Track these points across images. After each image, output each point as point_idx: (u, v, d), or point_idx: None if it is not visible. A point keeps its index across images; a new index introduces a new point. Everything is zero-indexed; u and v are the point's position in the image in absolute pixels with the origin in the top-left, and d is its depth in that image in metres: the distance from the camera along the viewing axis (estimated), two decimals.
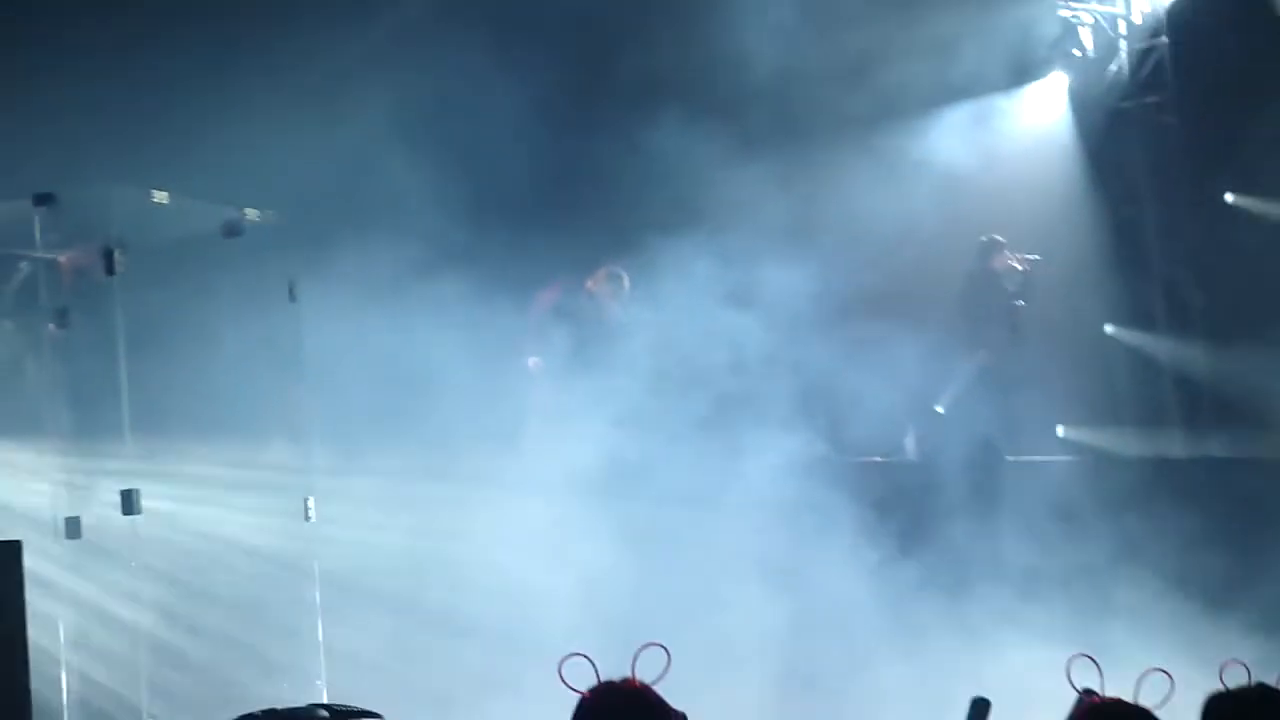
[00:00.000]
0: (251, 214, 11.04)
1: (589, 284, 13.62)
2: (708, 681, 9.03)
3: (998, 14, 16.08)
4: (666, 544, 11.82)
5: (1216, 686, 5.00)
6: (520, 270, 12.39)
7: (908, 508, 13.31)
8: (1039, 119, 17.62)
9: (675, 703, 4.65)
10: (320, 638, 10.97)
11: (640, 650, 4.68)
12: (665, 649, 4.66)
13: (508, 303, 12.16)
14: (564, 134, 12.85)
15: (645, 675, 4.65)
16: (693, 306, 12.53)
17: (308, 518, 11.06)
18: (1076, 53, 17.89)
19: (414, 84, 11.59)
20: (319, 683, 10.78)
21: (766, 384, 12.69)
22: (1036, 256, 16.11)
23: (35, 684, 8.81)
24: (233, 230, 11.00)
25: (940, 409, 15.77)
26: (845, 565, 12.00)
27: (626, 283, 13.47)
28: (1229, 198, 17.72)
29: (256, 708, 3.32)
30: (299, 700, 3.40)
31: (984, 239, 16.10)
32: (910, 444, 15.64)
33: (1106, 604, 12.40)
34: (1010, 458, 15.00)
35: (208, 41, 11.19)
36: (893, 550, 12.44)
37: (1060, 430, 16.94)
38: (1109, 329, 17.68)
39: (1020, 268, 16.04)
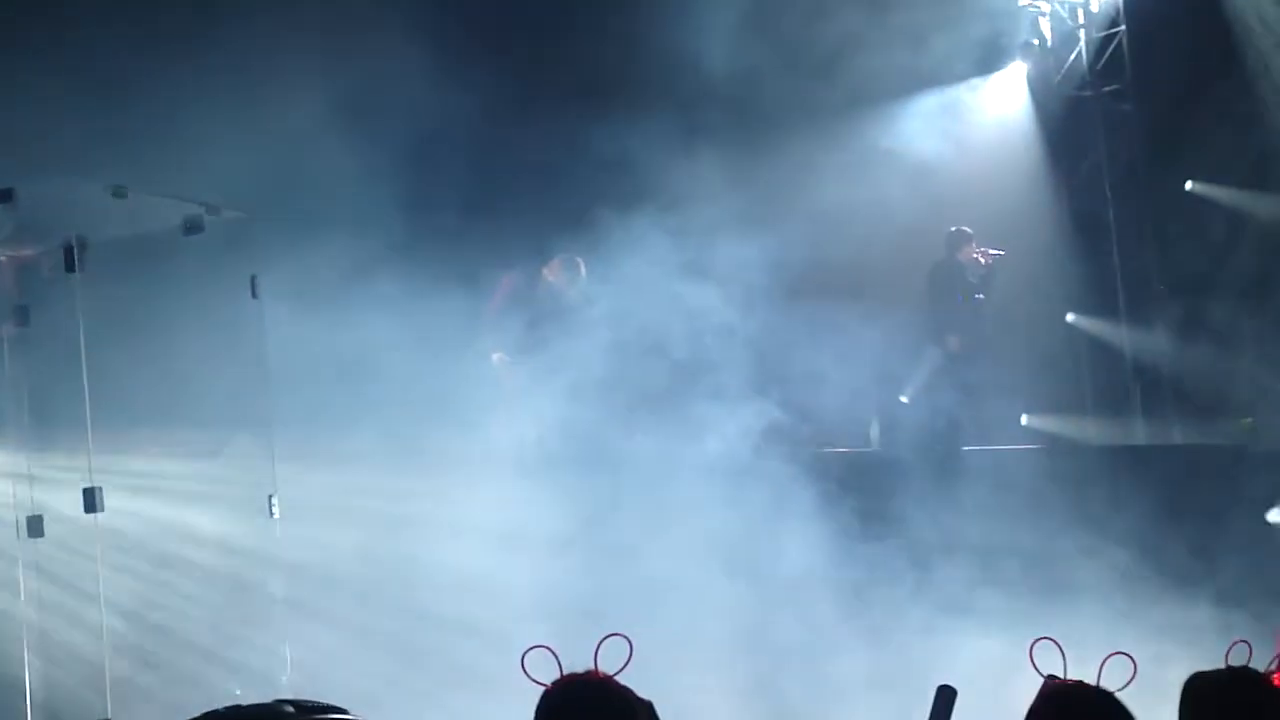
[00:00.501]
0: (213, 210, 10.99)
1: (546, 272, 13.60)
2: (672, 669, 9.02)
3: (957, 4, 16.11)
4: (628, 532, 11.80)
5: (1182, 667, 5.03)
6: (476, 258, 12.39)
7: (870, 496, 13.31)
8: (1000, 108, 17.67)
9: (640, 691, 4.64)
10: (285, 633, 10.93)
11: (602, 641, 4.67)
12: (628, 639, 4.66)
13: (464, 293, 12.17)
14: (516, 122, 12.83)
15: (608, 666, 4.65)
16: (651, 293, 12.53)
17: (271, 514, 11.02)
18: (1035, 42, 17.94)
19: (366, 79, 11.55)
20: (283, 679, 10.74)
21: (731, 374, 12.69)
22: (1001, 251, 16.11)
23: None
24: (194, 227, 10.94)
25: (905, 399, 15.80)
26: (806, 552, 12.02)
27: (583, 269, 13.45)
28: (1189, 185, 17.80)
29: (221, 704, 3.31)
30: (263, 697, 3.42)
31: (952, 230, 16.08)
32: (875, 433, 15.68)
33: (1069, 589, 12.42)
34: (975, 446, 15.01)
35: (169, 37, 11.14)
36: (854, 538, 12.46)
37: (1024, 419, 16.99)
38: (1070, 318, 17.74)
39: (984, 260, 16.03)
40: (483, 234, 12.52)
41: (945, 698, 5.09)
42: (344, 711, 3.31)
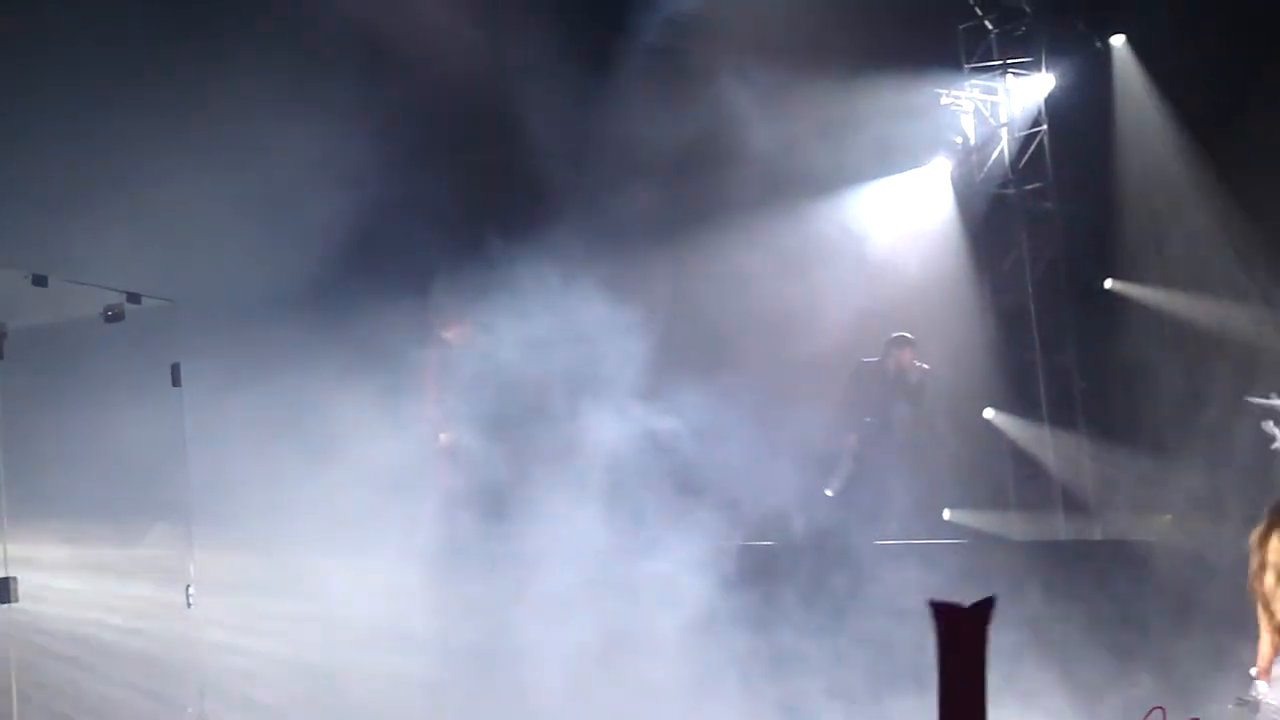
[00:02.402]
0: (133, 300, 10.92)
1: (448, 334, 13.60)
2: None
3: (880, 101, 16.29)
4: (516, 631, 11.77)
5: None
6: (399, 333, 12.40)
7: (783, 589, 13.31)
8: (923, 205, 17.83)
9: None
10: None
11: None
12: None
13: (390, 373, 12.18)
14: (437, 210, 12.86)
15: None
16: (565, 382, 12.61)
17: (188, 604, 10.90)
18: (959, 140, 18.15)
19: (284, 164, 11.53)
20: None
21: (652, 463, 12.70)
22: (925, 366, 16.16)
23: None
24: (115, 315, 10.88)
25: (829, 492, 15.82)
26: (703, 648, 12.02)
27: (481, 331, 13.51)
28: (1109, 284, 18.02)
29: None
30: None
31: (894, 335, 16.12)
32: (799, 527, 15.66)
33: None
34: (892, 540, 15.04)
35: (90, 123, 11.10)
36: (759, 630, 12.47)
37: (946, 513, 17.04)
38: (988, 414, 17.85)
39: (922, 368, 16.08)
40: (405, 311, 12.51)
41: None
42: None
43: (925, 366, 16.11)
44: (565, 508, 12.27)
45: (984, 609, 3.78)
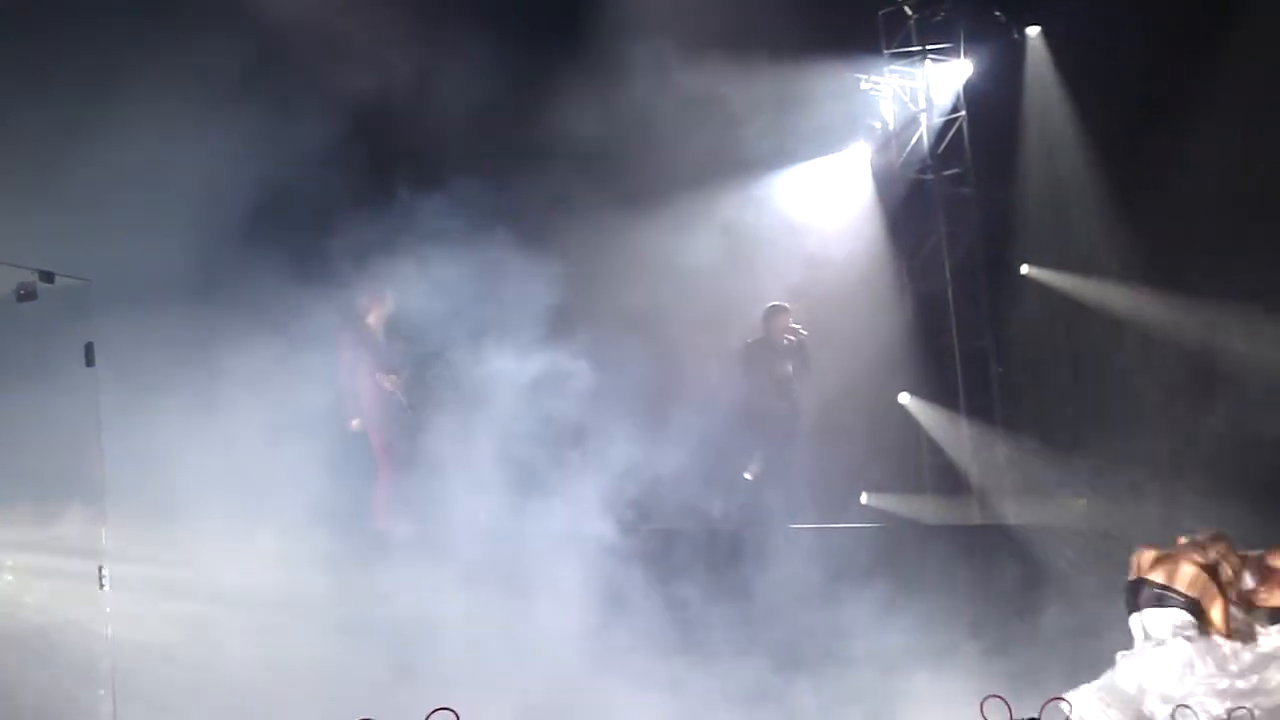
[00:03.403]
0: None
1: (369, 319, 13.62)
2: None
3: (800, 85, 16.34)
4: (449, 611, 11.78)
5: None
6: (319, 319, 12.38)
7: (704, 574, 13.36)
8: (842, 189, 17.89)
9: None
10: (114, 714, 10.71)
11: (430, 715, 4.66)
12: (455, 714, 4.65)
13: (309, 358, 12.15)
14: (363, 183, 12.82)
15: None
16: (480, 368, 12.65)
17: (101, 585, 10.82)
18: (877, 125, 18.22)
19: (202, 138, 11.47)
20: None
21: (568, 452, 12.74)
22: (804, 331, 16.18)
23: None
24: (27, 294, 10.77)
25: (749, 475, 15.86)
26: (627, 631, 12.07)
27: (390, 301, 13.53)
28: (1024, 269, 18.16)
29: None
30: None
31: (769, 305, 16.17)
32: (717, 510, 15.71)
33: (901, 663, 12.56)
34: (810, 525, 15.10)
35: (7, 94, 11.00)
36: (680, 616, 12.53)
37: (864, 498, 17.13)
38: (903, 399, 17.94)
39: (793, 337, 16.10)
40: (326, 291, 12.48)
41: None
42: None
43: (803, 332, 16.13)
44: (472, 487, 12.31)
45: None
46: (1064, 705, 8.80)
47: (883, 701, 11.50)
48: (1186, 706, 8.80)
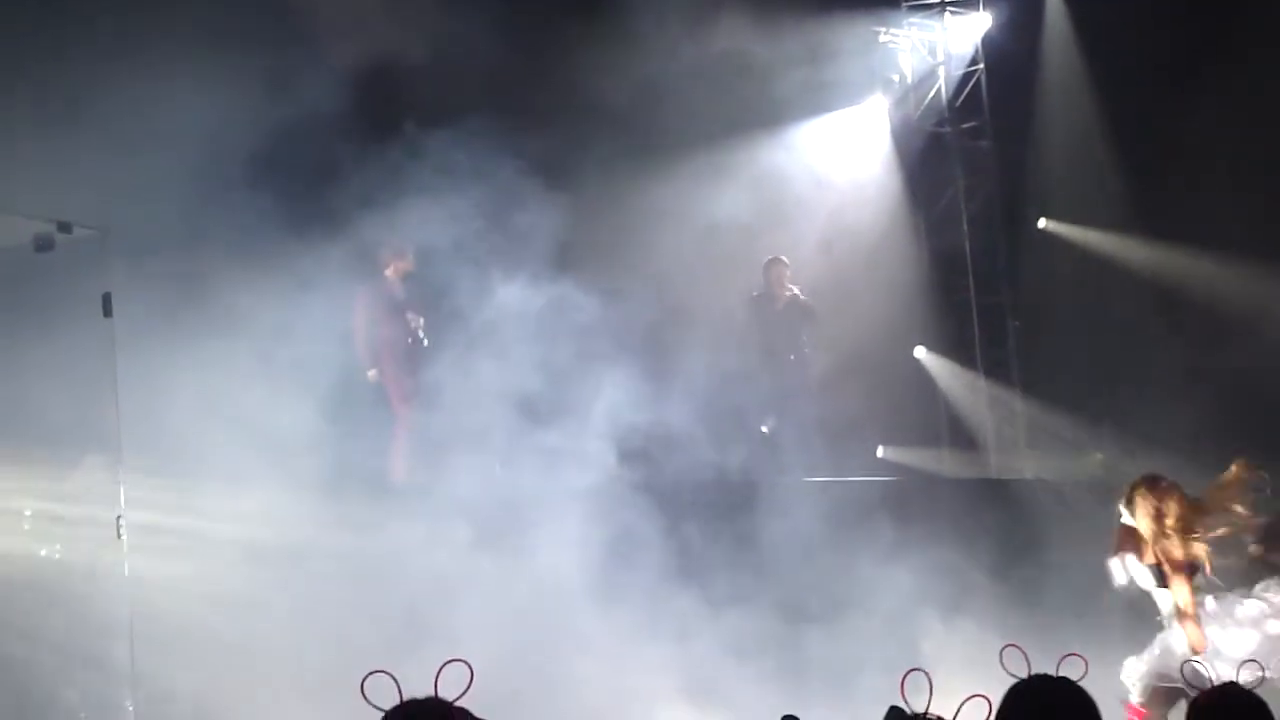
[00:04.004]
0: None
1: (388, 272, 13.64)
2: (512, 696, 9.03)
3: (819, 38, 16.27)
4: (476, 560, 11.79)
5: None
6: (334, 267, 12.38)
7: (723, 523, 13.39)
8: (860, 142, 17.83)
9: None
10: (131, 662, 10.76)
11: (443, 666, 4.67)
12: (469, 665, 4.66)
13: (324, 308, 12.17)
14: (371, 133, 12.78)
15: (448, 692, 4.64)
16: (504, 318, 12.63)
17: (119, 536, 10.86)
18: (895, 78, 18.15)
19: (216, 88, 11.43)
20: (129, 705, 10.59)
21: (591, 403, 12.74)
22: (796, 288, 16.21)
23: None
24: (44, 245, 10.78)
25: (765, 428, 15.87)
26: (649, 581, 12.08)
27: (410, 258, 13.54)
28: (1042, 223, 18.11)
29: None
30: None
31: (768, 258, 16.20)
32: (732, 461, 15.70)
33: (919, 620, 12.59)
34: (827, 477, 15.11)
35: (19, 53, 10.97)
36: (696, 565, 12.56)
37: (880, 451, 17.13)
38: (919, 353, 17.92)
39: (790, 290, 16.14)
40: (340, 241, 12.47)
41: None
42: None
43: (795, 289, 16.18)
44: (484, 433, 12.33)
45: None
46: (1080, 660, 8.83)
47: (899, 650, 11.50)
48: (1197, 660, 8.81)
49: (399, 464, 13.30)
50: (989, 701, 4.99)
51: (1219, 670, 8.27)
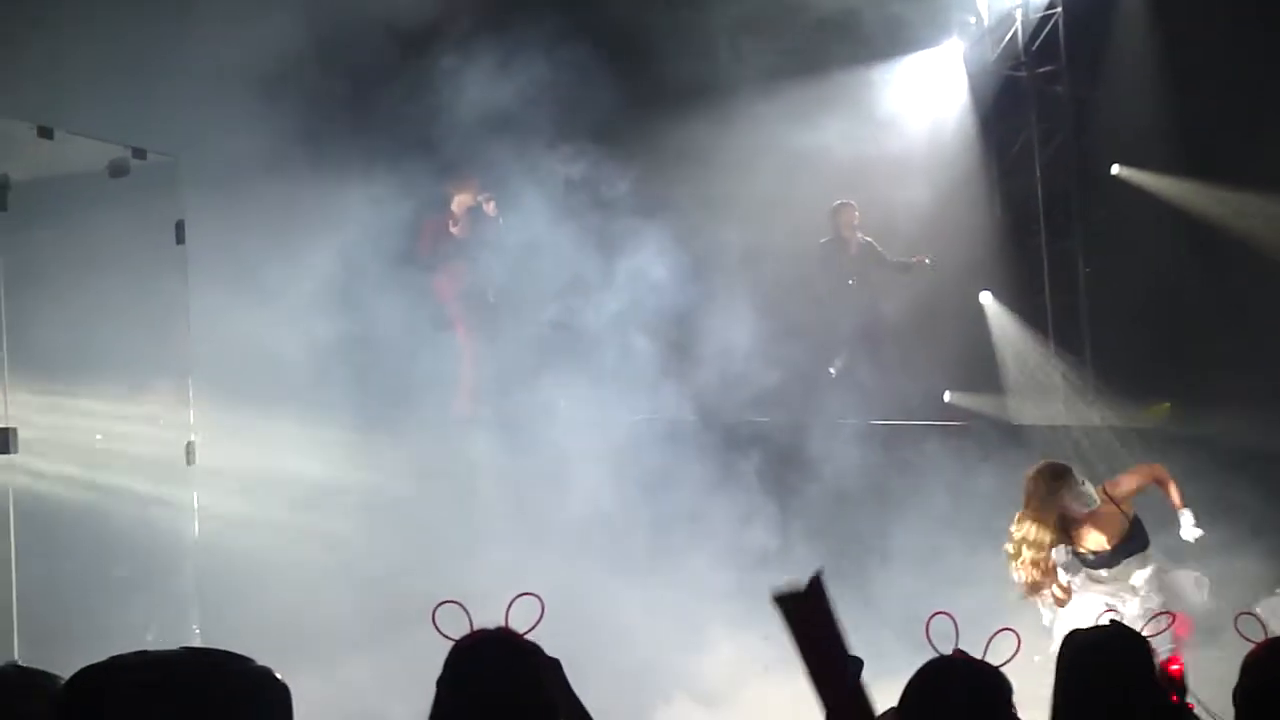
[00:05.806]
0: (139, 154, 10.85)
1: (454, 204, 13.59)
2: (583, 632, 9.05)
3: None
4: (545, 501, 11.84)
5: None
6: (405, 203, 12.38)
7: (786, 467, 13.40)
8: (934, 86, 17.70)
9: (549, 650, 4.67)
10: (197, 582, 10.86)
11: (514, 600, 4.69)
12: (539, 599, 4.68)
13: (402, 239, 12.19)
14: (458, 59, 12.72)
15: (519, 624, 4.67)
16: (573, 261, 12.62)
17: (190, 461, 10.94)
18: (972, 20, 17.99)
19: (293, 21, 11.42)
20: (195, 628, 10.69)
21: (645, 343, 12.74)
22: (927, 260, 16.21)
23: None
24: (119, 170, 10.82)
25: (833, 371, 15.86)
26: (716, 521, 12.12)
27: (492, 208, 13.46)
28: (1115, 170, 17.94)
29: (129, 649, 3.27)
30: (172, 644, 3.38)
31: (836, 203, 16.15)
32: (799, 404, 15.70)
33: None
34: (892, 420, 15.08)
35: None
36: (759, 506, 12.58)
37: (947, 395, 17.08)
38: (984, 298, 17.81)
39: (860, 236, 16.12)
40: (416, 174, 12.46)
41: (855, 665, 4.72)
42: (250, 661, 3.29)
43: (865, 237, 16.14)
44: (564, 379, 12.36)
45: (815, 589, 4.47)
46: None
47: (964, 593, 11.47)
48: (1114, 609, 8.81)
49: (465, 397, 13.32)
50: (1018, 636, 4.94)
51: None
